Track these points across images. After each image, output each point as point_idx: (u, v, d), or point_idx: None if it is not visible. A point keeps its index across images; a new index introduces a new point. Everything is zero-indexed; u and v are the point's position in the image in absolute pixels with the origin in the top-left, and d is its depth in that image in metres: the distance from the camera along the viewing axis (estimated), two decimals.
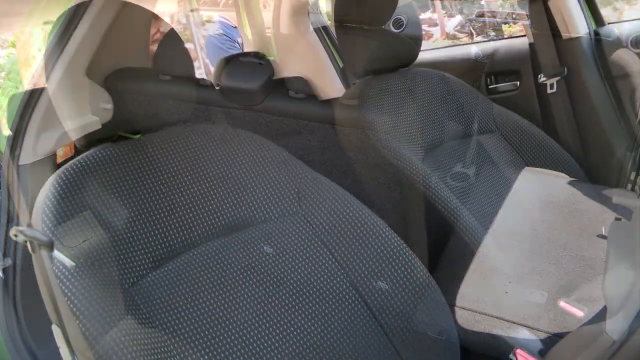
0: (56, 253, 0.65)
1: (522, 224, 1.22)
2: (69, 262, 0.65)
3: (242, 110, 1.75)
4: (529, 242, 1.21)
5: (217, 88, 1.90)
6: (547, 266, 1.23)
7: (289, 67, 2.06)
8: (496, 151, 1.32)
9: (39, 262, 0.56)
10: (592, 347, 0.66)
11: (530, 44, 1.49)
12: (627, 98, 1.40)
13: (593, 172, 1.43)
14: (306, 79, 2.00)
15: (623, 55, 1.38)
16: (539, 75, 1.48)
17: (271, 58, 1.99)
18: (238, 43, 2.54)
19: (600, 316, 1.05)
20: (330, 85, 1.96)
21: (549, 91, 1.44)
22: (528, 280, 1.16)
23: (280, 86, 1.94)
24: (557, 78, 1.42)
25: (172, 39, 0.92)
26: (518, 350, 0.88)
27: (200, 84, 1.82)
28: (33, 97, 0.93)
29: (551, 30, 1.40)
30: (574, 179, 1.33)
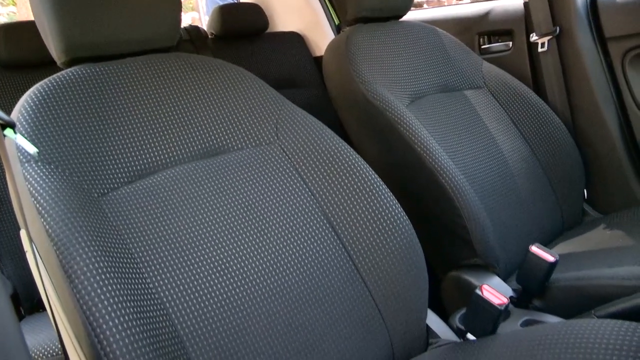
0: (19, 137, 0.65)
1: (503, 176, 1.23)
2: (32, 149, 0.66)
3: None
4: (510, 195, 1.22)
5: (211, 37, 1.90)
6: (526, 219, 1.24)
7: (283, 21, 2.05)
8: (482, 106, 1.32)
9: (3, 152, 0.57)
10: None
11: (525, 4, 1.48)
12: (617, 60, 1.39)
13: (579, 133, 1.42)
14: (301, 34, 2.00)
15: (617, 17, 1.37)
16: (531, 35, 1.47)
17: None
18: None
19: (571, 265, 1.07)
20: (325, 42, 1.95)
21: (539, 50, 1.43)
22: (505, 230, 1.17)
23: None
24: (549, 37, 1.41)
25: None
26: (484, 285, 0.89)
27: None
28: None
29: None
30: (559, 139, 1.34)
